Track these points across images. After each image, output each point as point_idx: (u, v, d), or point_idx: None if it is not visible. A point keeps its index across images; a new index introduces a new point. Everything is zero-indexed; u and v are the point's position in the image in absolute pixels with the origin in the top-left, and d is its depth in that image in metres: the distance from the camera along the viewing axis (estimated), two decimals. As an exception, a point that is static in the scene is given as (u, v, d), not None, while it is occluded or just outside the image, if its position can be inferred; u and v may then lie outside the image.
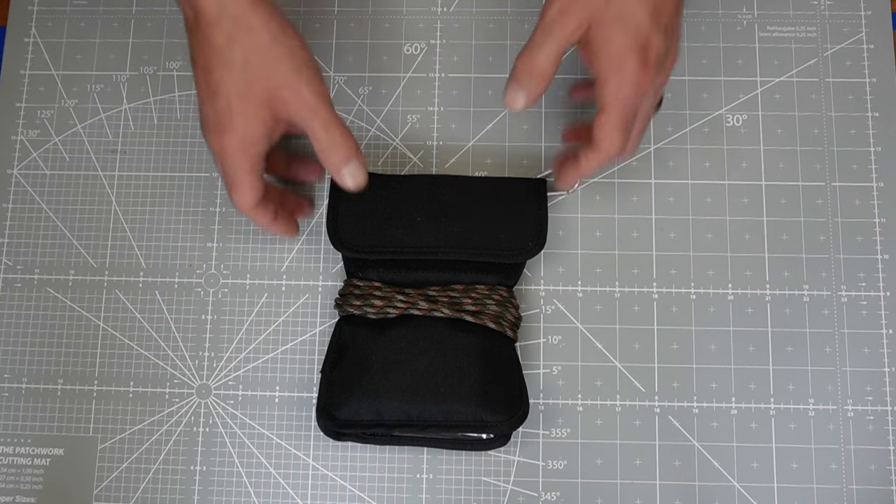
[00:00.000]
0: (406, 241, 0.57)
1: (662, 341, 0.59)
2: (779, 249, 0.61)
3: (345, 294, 0.58)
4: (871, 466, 0.57)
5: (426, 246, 0.57)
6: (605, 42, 0.49)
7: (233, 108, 0.50)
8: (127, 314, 0.61)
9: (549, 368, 0.59)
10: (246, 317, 0.61)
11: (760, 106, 0.63)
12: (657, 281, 0.60)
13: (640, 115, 0.52)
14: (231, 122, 0.50)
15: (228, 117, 0.50)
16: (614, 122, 0.50)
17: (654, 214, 0.61)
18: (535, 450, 0.58)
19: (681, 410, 0.58)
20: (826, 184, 0.61)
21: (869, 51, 0.63)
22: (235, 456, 0.59)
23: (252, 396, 0.60)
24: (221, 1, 0.49)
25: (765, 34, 0.64)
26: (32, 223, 0.63)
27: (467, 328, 0.56)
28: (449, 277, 0.58)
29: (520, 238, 0.57)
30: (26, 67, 0.66)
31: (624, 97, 0.50)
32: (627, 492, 0.57)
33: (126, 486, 0.59)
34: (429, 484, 0.58)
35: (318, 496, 0.58)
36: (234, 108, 0.50)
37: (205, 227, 0.62)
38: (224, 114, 0.50)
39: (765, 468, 0.57)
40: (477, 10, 0.65)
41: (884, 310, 0.59)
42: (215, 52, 0.50)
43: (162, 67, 0.65)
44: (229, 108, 0.50)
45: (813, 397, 0.58)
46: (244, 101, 0.50)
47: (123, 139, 0.64)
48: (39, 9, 0.67)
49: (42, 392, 0.60)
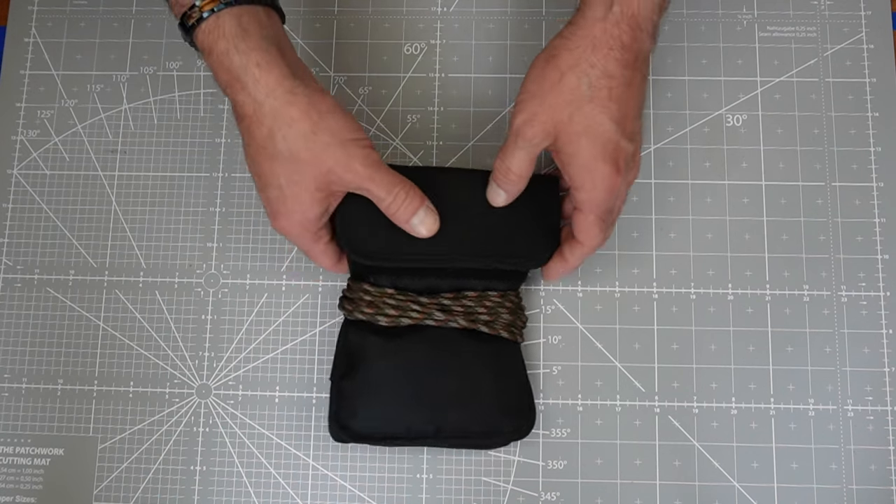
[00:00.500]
0: (420, 248, 0.55)
1: (662, 341, 0.59)
2: (779, 249, 0.61)
3: (353, 299, 0.57)
4: (871, 466, 0.57)
5: (441, 254, 0.55)
6: (575, 153, 0.50)
7: (286, 196, 0.51)
8: (127, 314, 0.61)
9: (549, 368, 0.59)
10: (246, 317, 0.61)
11: (760, 106, 0.63)
12: (657, 281, 0.60)
13: (616, 208, 0.54)
14: (286, 209, 0.51)
15: (283, 205, 0.51)
16: (592, 221, 0.53)
17: (654, 214, 0.61)
18: (535, 450, 0.58)
19: (681, 410, 0.58)
20: (826, 184, 0.61)
21: (869, 51, 0.63)
22: (235, 456, 0.59)
23: (252, 396, 0.60)
24: (257, 98, 0.49)
25: (765, 34, 0.64)
26: (32, 223, 0.63)
27: (479, 336, 0.56)
28: (461, 283, 0.57)
29: (535, 245, 0.56)
30: (26, 67, 0.66)
31: (599, 200, 0.52)
32: (627, 492, 0.57)
33: (126, 486, 0.59)
34: (429, 484, 0.58)
35: (318, 496, 0.58)
36: (288, 196, 0.51)
37: (205, 227, 0.62)
38: (279, 202, 0.51)
39: (765, 468, 0.57)
40: (477, 10, 0.65)
41: (884, 310, 0.59)
42: (259, 145, 0.50)
43: (162, 67, 0.65)
44: (283, 197, 0.51)
45: (813, 397, 0.58)
46: (296, 189, 0.51)
47: (123, 139, 0.64)
48: (39, 9, 0.67)
49: (42, 392, 0.60)
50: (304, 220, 0.52)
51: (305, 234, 0.53)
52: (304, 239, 0.54)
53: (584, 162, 0.50)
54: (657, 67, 0.64)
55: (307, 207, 0.52)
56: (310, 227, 0.53)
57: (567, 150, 0.51)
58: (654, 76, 0.63)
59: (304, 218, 0.52)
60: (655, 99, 0.63)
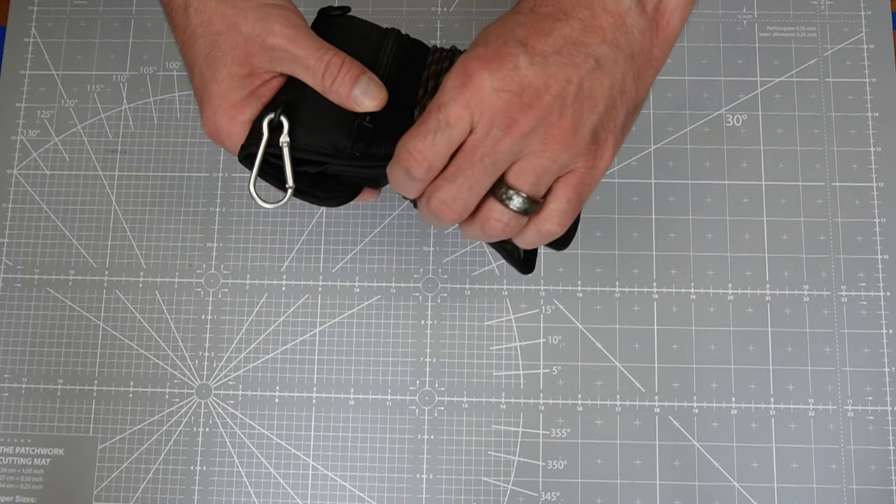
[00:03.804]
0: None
1: (662, 341, 0.59)
2: (779, 249, 0.61)
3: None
4: (871, 466, 0.57)
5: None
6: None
7: (206, 79, 0.44)
8: (127, 314, 0.61)
9: (549, 368, 0.59)
10: (246, 317, 0.61)
11: (760, 106, 0.63)
12: (657, 281, 0.60)
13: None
14: (209, 96, 0.44)
15: (206, 92, 0.44)
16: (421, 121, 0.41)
17: (654, 214, 0.61)
18: (535, 450, 0.58)
19: (681, 410, 0.58)
20: (826, 184, 0.61)
21: (869, 51, 0.63)
22: (235, 456, 0.59)
23: (252, 396, 0.60)
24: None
25: (765, 34, 0.64)
26: (32, 223, 0.63)
27: None
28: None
29: None
30: (26, 67, 0.66)
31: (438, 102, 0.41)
32: (627, 492, 0.57)
33: (126, 486, 0.59)
34: (429, 484, 0.58)
35: (318, 496, 0.58)
36: (207, 78, 0.44)
37: (205, 227, 0.62)
38: (201, 91, 0.44)
39: (765, 468, 0.57)
40: (477, 10, 0.65)
41: (884, 310, 0.60)
42: (179, 29, 0.45)
43: (162, 67, 0.65)
44: (204, 83, 0.44)
45: (813, 397, 0.58)
46: (214, 67, 0.44)
47: (123, 139, 0.64)
48: (39, 9, 0.67)
49: (42, 392, 0.60)
50: (228, 107, 0.44)
51: (233, 125, 0.44)
52: (234, 138, 0.44)
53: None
54: (657, 67, 0.64)
55: (227, 88, 0.44)
56: (237, 116, 0.44)
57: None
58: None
59: (227, 103, 0.44)
60: (655, 99, 0.63)
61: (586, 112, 0.39)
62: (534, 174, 0.39)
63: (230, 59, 0.43)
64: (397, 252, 0.61)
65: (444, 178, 0.40)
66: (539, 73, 0.38)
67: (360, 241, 0.62)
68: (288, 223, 0.62)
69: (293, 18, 0.44)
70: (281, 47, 0.43)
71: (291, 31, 0.43)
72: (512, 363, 0.59)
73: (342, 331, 0.60)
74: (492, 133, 0.38)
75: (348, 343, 0.60)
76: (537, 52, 0.38)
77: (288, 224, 0.62)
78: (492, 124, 0.38)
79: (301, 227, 0.62)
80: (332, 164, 0.44)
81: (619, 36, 0.39)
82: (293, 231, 0.62)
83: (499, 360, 0.60)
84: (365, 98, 0.43)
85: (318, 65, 0.43)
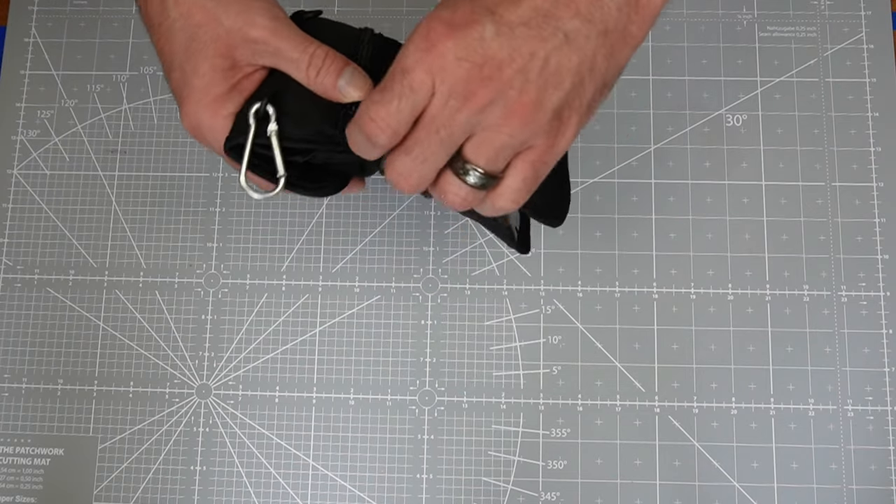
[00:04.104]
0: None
1: (662, 341, 0.59)
2: (779, 249, 0.61)
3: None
4: (871, 466, 0.57)
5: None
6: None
7: (186, 73, 0.43)
8: (127, 314, 0.61)
9: (549, 368, 0.59)
10: (246, 317, 0.61)
11: (760, 106, 0.63)
12: (657, 281, 0.60)
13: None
14: (189, 90, 0.43)
15: (186, 86, 0.43)
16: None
17: (654, 214, 0.61)
18: (535, 450, 0.58)
19: (681, 410, 0.58)
20: (826, 184, 0.61)
21: (869, 51, 0.63)
22: (235, 456, 0.59)
23: (252, 396, 0.60)
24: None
25: (765, 34, 0.64)
26: (32, 223, 0.63)
27: None
28: None
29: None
30: (26, 67, 0.66)
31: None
32: (627, 492, 0.57)
33: (126, 486, 0.59)
34: (429, 484, 0.58)
35: (318, 496, 0.58)
36: (188, 72, 0.42)
37: (205, 227, 0.62)
38: (181, 85, 0.43)
39: (765, 468, 0.57)
40: (477, 10, 0.65)
41: (884, 310, 0.60)
42: (155, 24, 0.43)
43: (162, 67, 0.65)
44: (184, 77, 0.43)
45: (813, 397, 0.58)
46: (195, 60, 0.42)
47: (123, 139, 0.64)
48: (39, 9, 0.67)
49: (42, 392, 0.60)
50: (210, 101, 0.43)
51: (216, 119, 0.43)
52: (216, 132, 0.43)
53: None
54: (657, 67, 0.64)
55: (209, 81, 0.42)
56: (219, 111, 0.43)
57: None
58: (655, 76, 0.63)
59: (209, 97, 0.43)
60: (655, 99, 0.63)
61: (550, 88, 0.37)
62: (491, 149, 0.38)
63: (211, 51, 0.42)
64: (397, 252, 0.61)
65: (400, 150, 0.39)
66: (503, 45, 0.36)
67: (360, 241, 0.62)
68: (288, 223, 0.62)
69: (274, 10, 0.43)
70: (264, 40, 0.42)
71: (273, 23, 0.42)
72: (512, 363, 0.59)
73: (342, 331, 0.60)
74: (449, 104, 0.37)
75: (348, 343, 0.60)
76: (504, 21, 0.36)
77: (288, 224, 0.62)
78: (450, 95, 0.37)
79: (301, 227, 0.62)
80: (319, 153, 0.44)
81: (594, 10, 0.37)
82: (293, 231, 0.62)
83: (499, 360, 0.60)
84: (350, 88, 0.42)
85: (302, 56, 0.42)
